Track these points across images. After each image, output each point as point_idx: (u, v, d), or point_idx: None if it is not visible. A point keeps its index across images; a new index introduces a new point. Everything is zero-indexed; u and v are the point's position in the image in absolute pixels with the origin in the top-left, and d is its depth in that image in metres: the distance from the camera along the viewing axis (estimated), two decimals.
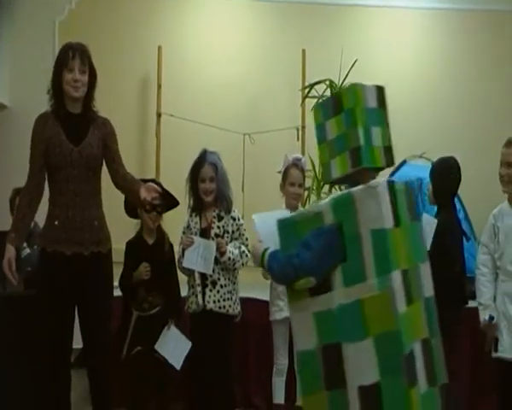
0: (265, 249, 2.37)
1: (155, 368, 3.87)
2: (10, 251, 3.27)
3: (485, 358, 3.95)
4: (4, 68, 5.78)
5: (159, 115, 5.84)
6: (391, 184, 2.22)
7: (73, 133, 3.36)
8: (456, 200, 4.32)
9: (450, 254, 3.80)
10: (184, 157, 4.18)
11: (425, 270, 2.36)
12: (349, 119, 2.21)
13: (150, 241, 4.02)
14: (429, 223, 3.77)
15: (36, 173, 3.36)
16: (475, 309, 3.84)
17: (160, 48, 6.07)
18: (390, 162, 2.36)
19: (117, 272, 3.79)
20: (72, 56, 3.34)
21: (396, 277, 2.10)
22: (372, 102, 2.29)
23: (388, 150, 2.33)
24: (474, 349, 4.44)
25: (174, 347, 3.85)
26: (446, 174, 3.99)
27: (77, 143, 3.34)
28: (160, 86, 6.06)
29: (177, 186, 4.02)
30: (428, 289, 2.35)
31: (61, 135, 3.34)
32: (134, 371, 3.90)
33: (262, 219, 2.53)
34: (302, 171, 4.10)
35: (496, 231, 3.74)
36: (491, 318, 3.64)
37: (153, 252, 3.96)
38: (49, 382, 3.40)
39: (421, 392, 2.09)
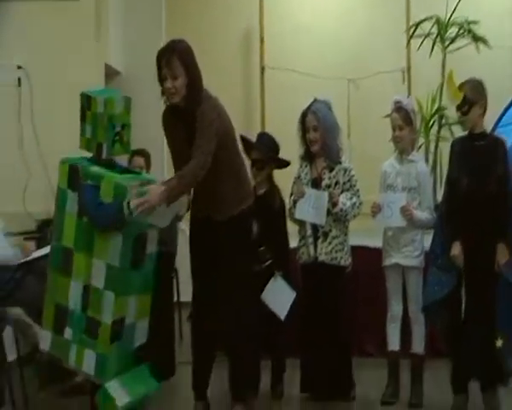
0: None
1: (265, 322, 3.84)
2: None
3: None
4: (118, 37, 6.03)
5: (262, 68, 5.88)
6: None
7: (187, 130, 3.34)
8: None
9: None
10: (289, 109, 4.18)
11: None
12: None
13: (260, 191, 4.02)
14: None
15: None
16: None
17: (261, 0, 6.08)
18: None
19: None
20: (159, 66, 3.27)
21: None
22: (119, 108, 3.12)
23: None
24: None
25: (279, 297, 3.85)
26: None
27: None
28: (262, 39, 6.08)
29: (283, 138, 4.02)
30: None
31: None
32: None
33: None
34: (402, 113, 3.82)
35: None
36: None
37: (262, 202, 3.95)
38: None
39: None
